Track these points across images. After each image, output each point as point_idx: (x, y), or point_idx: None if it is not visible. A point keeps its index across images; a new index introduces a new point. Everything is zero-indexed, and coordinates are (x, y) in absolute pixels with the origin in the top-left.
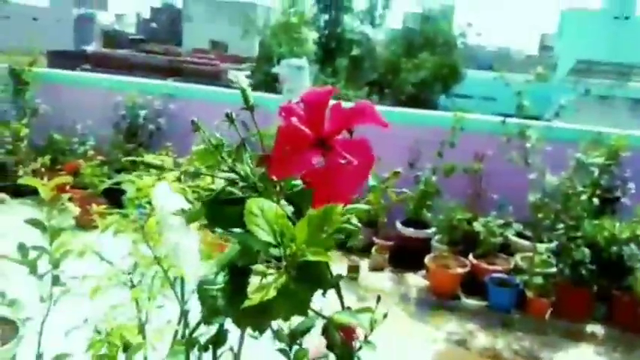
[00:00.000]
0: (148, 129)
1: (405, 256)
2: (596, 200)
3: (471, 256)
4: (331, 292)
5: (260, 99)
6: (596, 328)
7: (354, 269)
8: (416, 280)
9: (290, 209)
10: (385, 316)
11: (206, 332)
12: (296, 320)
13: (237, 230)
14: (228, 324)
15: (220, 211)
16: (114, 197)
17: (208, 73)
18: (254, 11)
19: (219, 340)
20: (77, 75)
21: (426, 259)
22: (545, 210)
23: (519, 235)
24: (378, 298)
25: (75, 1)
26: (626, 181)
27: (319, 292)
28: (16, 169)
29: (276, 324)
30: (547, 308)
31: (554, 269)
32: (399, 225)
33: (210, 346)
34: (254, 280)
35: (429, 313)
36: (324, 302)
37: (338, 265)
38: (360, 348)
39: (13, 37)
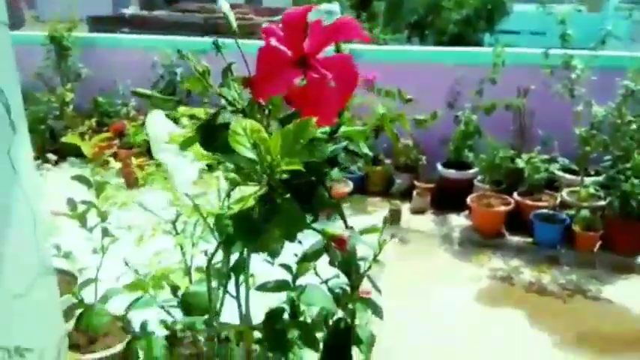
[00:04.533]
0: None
1: (447, 198)
2: None
3: (515, 194)
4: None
5: None
6: None
7: (395, 213)
8: (459, 221)
9: None
10: (393, 236)
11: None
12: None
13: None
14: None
15: (213, 136)
16: None
17: (243, 28)
18: None
19: (239, 267)
20: (115, 37)
21: (468, 199)
22: (592, 142)
23: (565, 169)
24: (385, 219)
25: None
26: None
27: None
28: (64, 133)
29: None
30: (595, 242)
31: (602, 202)
32: (440, 167)
33: (232, 274)
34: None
35: (472, 252)
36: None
37: (379, 209)
38: (370, 267)
39: (55, 6)
